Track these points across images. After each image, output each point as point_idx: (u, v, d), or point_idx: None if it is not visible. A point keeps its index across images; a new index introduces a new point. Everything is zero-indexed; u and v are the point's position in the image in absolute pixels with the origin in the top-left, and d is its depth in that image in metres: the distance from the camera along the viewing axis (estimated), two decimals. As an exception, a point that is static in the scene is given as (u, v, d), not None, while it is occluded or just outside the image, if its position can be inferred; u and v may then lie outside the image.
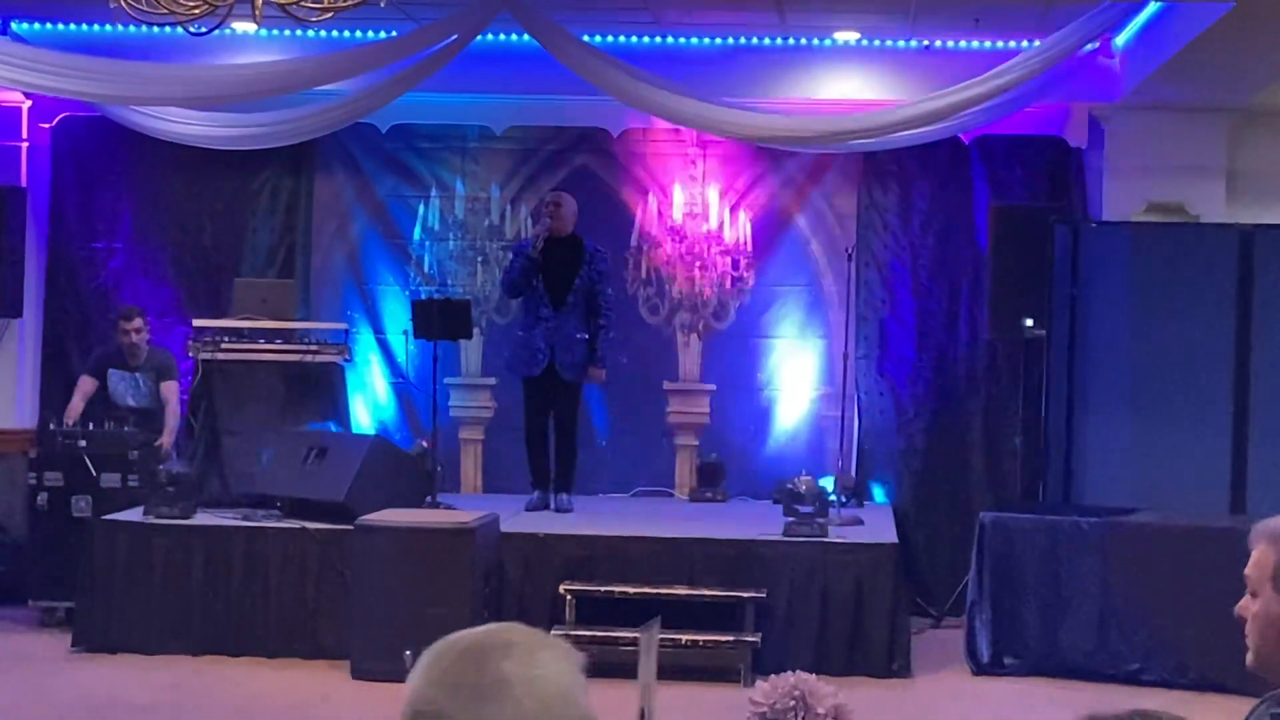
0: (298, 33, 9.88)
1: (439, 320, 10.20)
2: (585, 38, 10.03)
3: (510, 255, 10.40)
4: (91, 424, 10.14)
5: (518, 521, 9.64)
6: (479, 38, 9.77)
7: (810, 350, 11.26)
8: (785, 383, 11.27)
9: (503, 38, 10.49)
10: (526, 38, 9.93)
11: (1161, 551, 8.99)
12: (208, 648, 9.21)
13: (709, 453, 11.14)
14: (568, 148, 11.31)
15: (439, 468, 10.26)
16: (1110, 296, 9.92)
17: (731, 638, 8.88)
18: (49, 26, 10.66)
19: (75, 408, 10.35)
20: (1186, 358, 9.73)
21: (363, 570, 8.85)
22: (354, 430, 10.79)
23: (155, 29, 8.08)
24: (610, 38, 10.55)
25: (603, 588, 9.08)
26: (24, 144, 11.21)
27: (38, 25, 10.65)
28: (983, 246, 10.81)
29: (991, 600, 9.18)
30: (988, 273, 10.59)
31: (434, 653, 2.01)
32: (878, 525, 9.77)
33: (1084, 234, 10.05)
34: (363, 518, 8.97)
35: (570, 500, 10.09)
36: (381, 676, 8.46)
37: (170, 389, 10.53)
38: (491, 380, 11.31)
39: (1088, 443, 9.95)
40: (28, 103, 11.06)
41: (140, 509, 9.59)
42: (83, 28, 10.64)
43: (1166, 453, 9.75)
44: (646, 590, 8.98)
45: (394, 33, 9.91)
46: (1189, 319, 9.75)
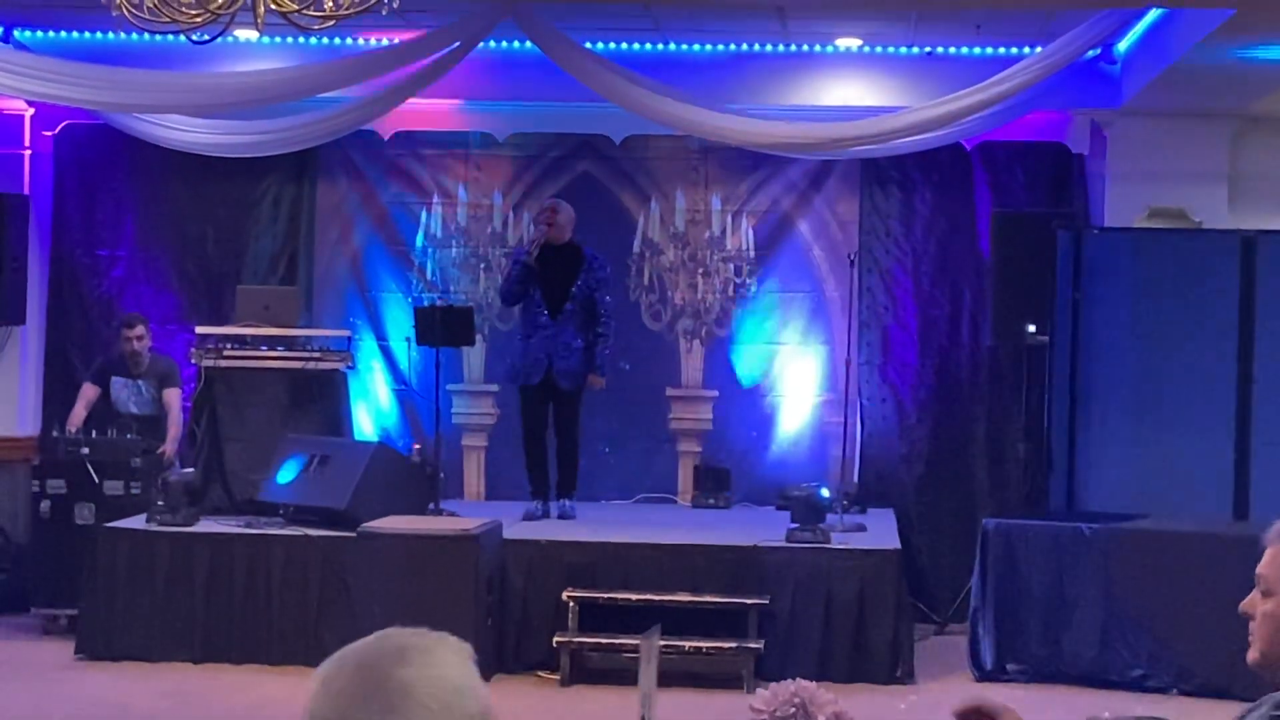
0: (300, 40, 9.90)
1: (441, 327, 10.20)
2: (588, 45, 10.04)
3: (509, 262, 10.41)
4: (94, 431, 10.15)
5: (520, 528, 9.63)
6: (481, 45, 9.76)
7: (813, 356, 11.26)
8: (788, 389, 11.26)
9: (505, 45, 10.49)
10: (529, 45, 9.93)
11: (1165, 557, 8.99)
12: (210, 655, 9.21)
13: (711, 459, 11.14)
14: (570, 154, 11.31)
15: (441, 475, 10.25)
16: (1112, 302, 9.91)
17: (734, 644, 8.88)
18: (52, 34, 10.66)
19: (78, 415, 10.36)
20: (1189, 364, 9.73)
21: (365, 577, 8.84)
22: (357, 437, 10.79)
23: (158, 37, 8.11)
24: (613, 45, 10.56)
25: (605, 594, 9.08)
26: (27, 152, 11.22)
27: (40, 33, 10.66)
28: (985, 252, 10.81)
29: (995, 607, 9.17)
30: (990, 278, 10.58)
31: (326, 673, 2.00)
32: (881, 531, 9.76)
33: (1086, 240, 10.05)
34: (365, 525, 8.97)
35: (573, 506, 10.09)
36: (384, 684, 8.46)
37: (173, 396, 10.53)
38: (494, 387, 11.31)
39: (1090, 449, 9.94)
40: (30, 111, 11.07)
41: (143, 516, 9.59)
42: (85, 35, 10.65)
43: (1169, 459, 9.74)
44: (649, 597, 8.98)
45: (396, 40, 9.92)
46: (1191, 325, 9.75)
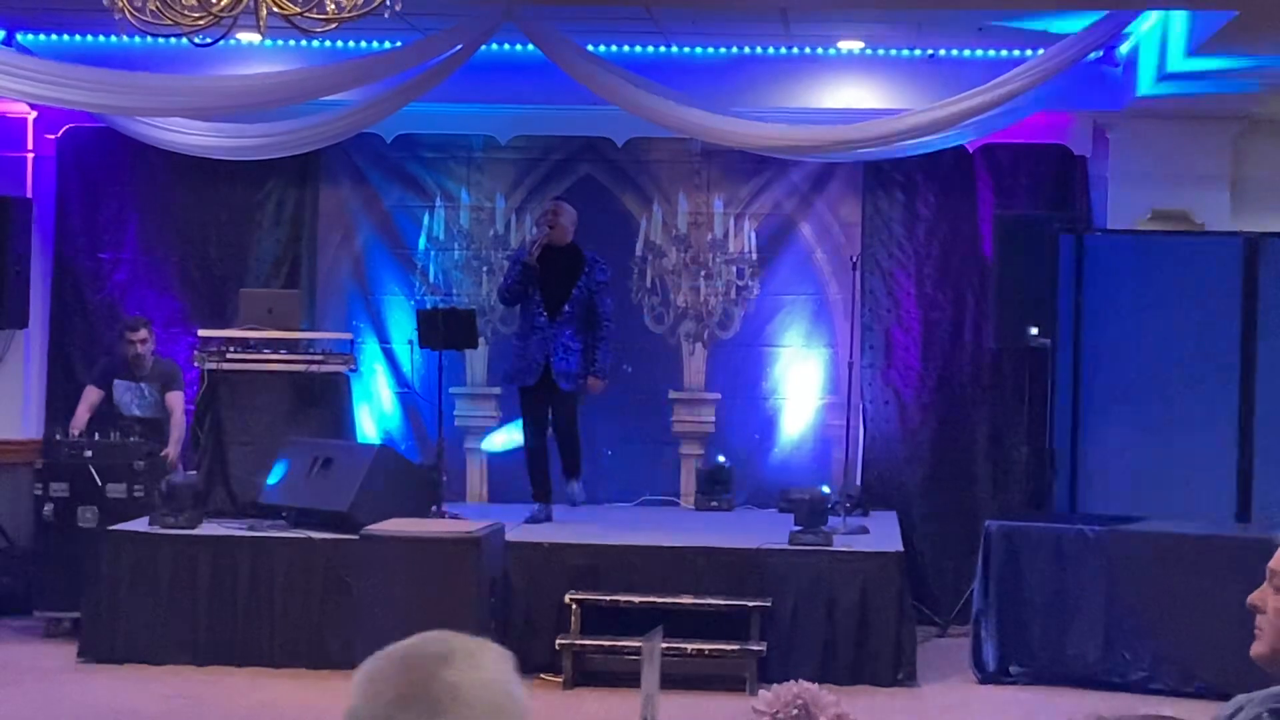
0: (302, 43, 9.89)
1: (444, 330, 10.21)
2: (590, 47, 10.04)
3: (509, 263, 10.42)
4: (97, 434, 10.16)
5: (523, 531, 9.64)
6: (483, 48, 9.76)
7: (815, 359, 11.26)
8: (790, 391, 11.26)
9: (507, 48, 10.48)
10: (531, 48, 9.93)
11: (1167, 560, 8.99)
12: (214, 658, 9.21)
13: (714, 462, 11.14)
14: (572, 157, 11.32)
15: (444, 477, 10.25)
16: (1115, 305, 9.91)
17: (737, 647, 8.88)
18: (54, 37, 10.67)
19: (81, 418, 10.36)
20: (1192, 366, 9.73)
21: (368, 580, 8.84)
22: (359, 440, 10.79)
23: (160, 40, 8.10)
24: (614, 47, 10.56)
25: (608, 597, 9.08)
26: (29, 155, 11.23)
27: (43, 36, 10.66)
28: (987, 255, 10.82)
29: (997, 609, 9.17)
30: (992, 281, 10.59)
31: (370, 672, 2.00)
32: (883, 534, 9.76)
33: (1089, 242, 10.05)
34: (368, 528, 8.97)
35: (581, 489, 10.09)
36: (387, 686, 8.46)
37: (175, 399, 10.54)
38: (497, 390, 11.31)
39: (1093, 451, 9.94)
40: (33, 114, 11.08)
41: (146, 519, 9.59)
42: (87, 39, 10.65)
43: (1172, 461, 9.74)
44: (652, 599, 8.99)
45: (398, 43, 9.93)
46: (1194, 327, 9.75)
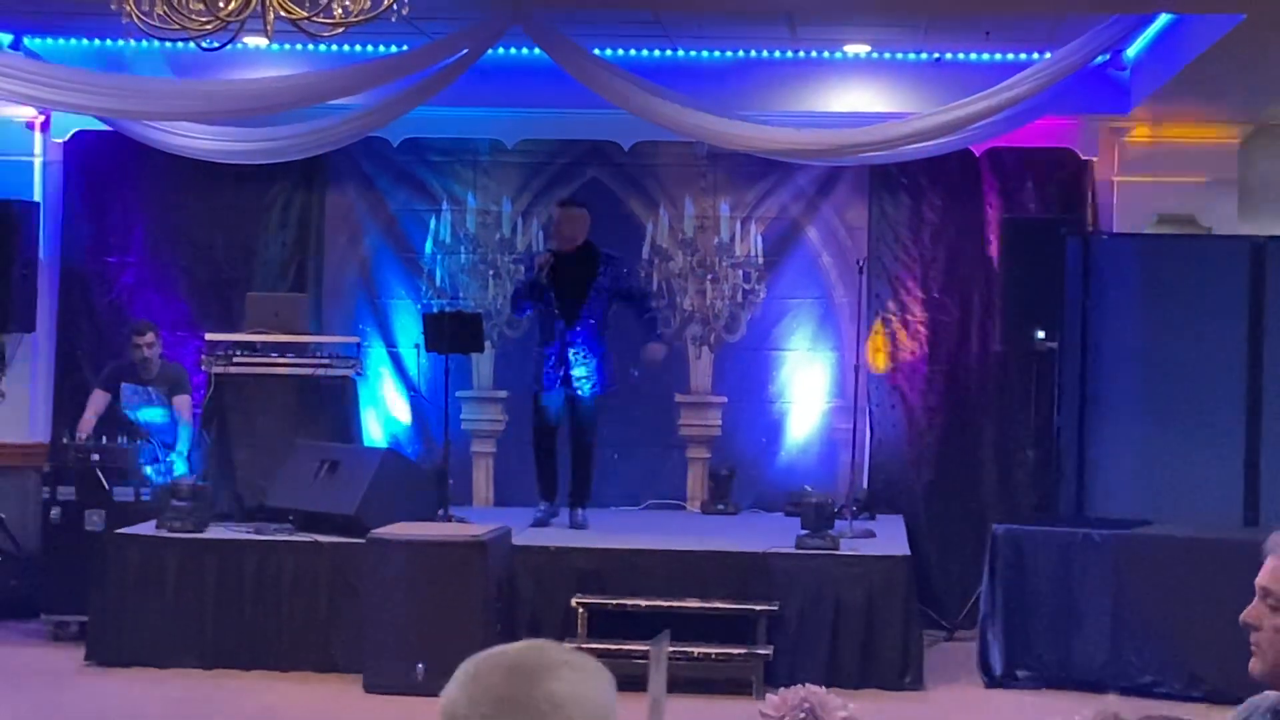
0: (309, 47, 9.89)
1: (450, 333, 10.21)
2: (596, 51, 10.04)
3: (523, 270, 10.41)
4: (104, 438, 10.17)
5: (530, 534, 9.64)
6: (490, 52, 9.77)
7: (821, 362, 11.25)
8: (797, 395, 11.26)
9: (514, 52, 10.50)
10: (538, 52, 9.94)
11: (1175, 563, 8.98)
12: (220, 661, 9.22)
13: (720, 465, 11.14)
14: (579, 161, 11.32)
15: (450, 481, 10.26)
16: (1122, 308, 9.91)
17: (743, 650, 8.88)
18: (61, 42, 10.68)
19: (88, 422, 10.38)
20: (1199, 369, 9.73)
21: (375, 584, 8.85)
22: (366, 444, 10.80)
23: (167, 44, 8.11)
24: (621, 51, 10.56)
25: (614, 601, 9.08)
26: (37, 159, 11.25)
27: (50, 40, 10.68)
28: (994, 259, 10.82)
29: (1004, 613, 9.16)
30: (999, 285, 10.59)
31: (474, 671, 2.00)
32: (890, 537, 9.76)
33: (1095, 246, 10.05)
34: (375, 531, 8.98)
35: (585, 516, 10.08)
36: (394, 690, 8.49)
37: (183, 403, 10.55)
38: (503, 393, 11.32)
39: (1100, 454, 9.94)
40: (41, 118, 11.10)
41: (153, 523, 9.60)
42: (95, 43, 10.67)
43: (1179, 464, 9.73)
44: (658, 603, 8.99)
45: (405, 47, 9.93)
46: (1201, 331, 9.74)
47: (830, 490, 10.39)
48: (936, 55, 10.56)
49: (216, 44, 6.98)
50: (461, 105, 10.63)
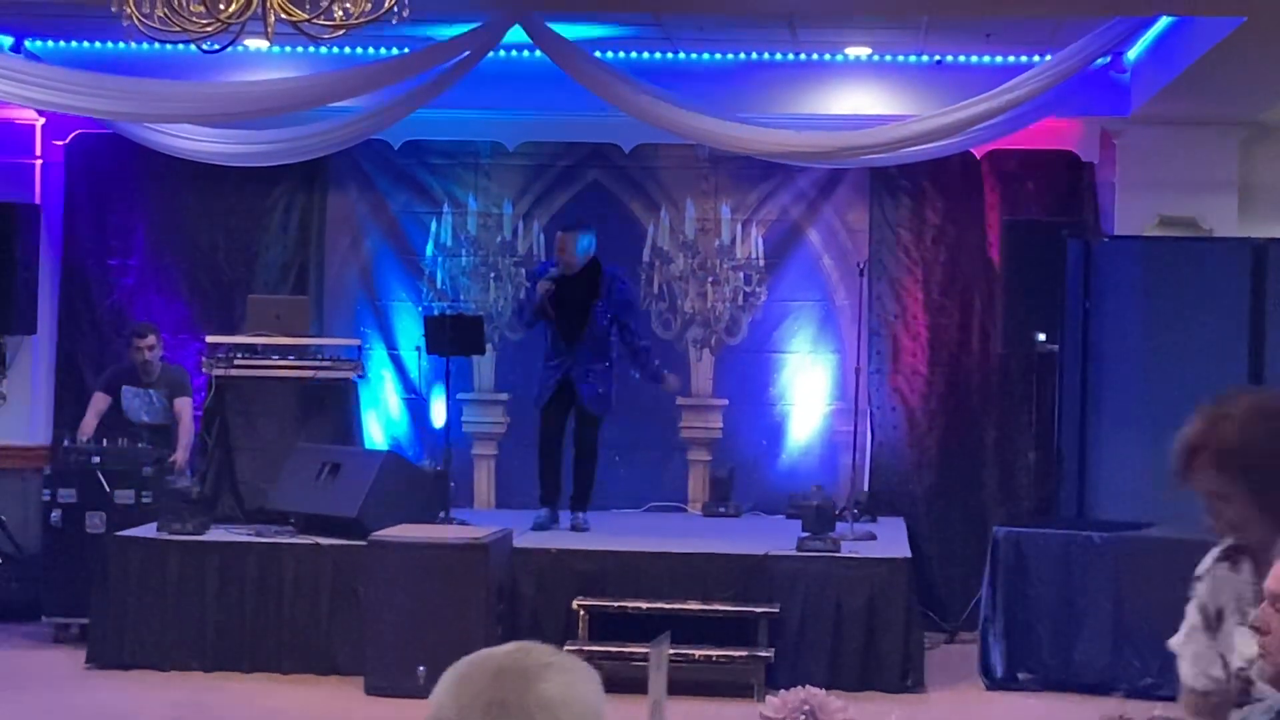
0: (310, 50, 9.90)
1: (452, 336, 10.21)
2: (597, 54, 10.05)
3: (526, 286, 10.37)
4: (105, 440, 10.16)
5: (531, 537, 9.64)
6: (491, 54, 9.78)
7: (822, 365, 11.25)
8: (798, 397, 11.26)
9: (515, 54, 10.50)
10: (539, 54, 9.94)
11: (1175, 566, 8.83)
12: (221, 664, 9.22)
13: (721, 467, 11.14)
14: (580, 163, 11.33)
15: (451, 483, 10.26)
16: (1123, 310, 9.91)
17: (744, 653, 8.88)
18: (62, 44, 10.69)
19: (89, 424, 10.37)
20: (1199, 371, 9.70)
21: (376, 586, 8.85)
22: (367, 446, 10.80)
23: (168, 46, 8.11)
24: (622, 54, 10.56)
25: (616, 603, 9.08)
26: (38, 161, 11.26)
27: (51, 43, 10.68)
28: (995, 261, 10.82)
29: (1005, 615, 9.16)
30: (1000, 287, 10.59)
31: (462, 674, 1.99)
32: (891, 540, 9.76)
33: (1096, 248, 10.04)
34: (376, 534, 8.98)
35: (586, 519, 10.07)
36: (395, 692, 8.49)
37: (183, 405, 10.55)
38: (504, 395, 11.32)
39: (1101, 457, 9.93)
40: (41, 120, 11.11)
41: (154, 525, 9.60)
42: (95, 45, 10.67)
43: (1180, 466, 9.71)
44: (659, 605, 8.98)
45: (406, 50, 9.94)
46: (1202, 333, 9.74)
47: (831, 492, 10.41)
48: (937, 57, 10.56)
49: (217, 46, 6.99)
50: (463, 108, 10.63)
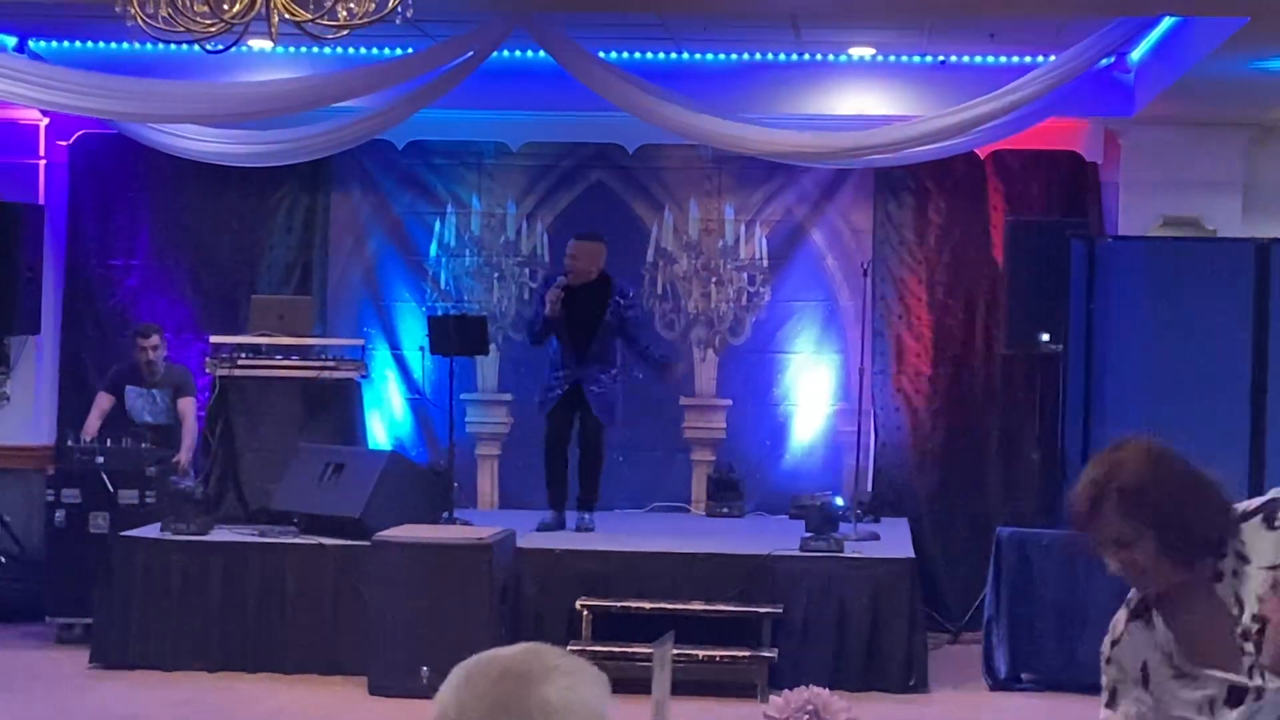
0: (314, 50, 9.90)
1: (455, 336, 10.22)
2: (601, 54, 10.04)
3: (535, 300, 10.37)
4: (109, 441, 10.18)
5: (534, 537, 9.64)
6: (494, 54, 9.78)
7: (826, 365, 11.25)
8: (801, 398, 11.26)
9: (518, 54, 10.50)
10: (542, 54, 9.94)
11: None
12: (225, 664, 9.22)
13: (725, 468, 11.14)
14: (583, 164, 11.33)
15: (455, 483, 10.26)
16: (1127, 311, 9.89)
17: (748, 653, 8.88)
18: (66, 44, 10.69)
19: (92, 424, 10.39)
20: (1203, 372, 9.71)
21: (380, 586, 8.86)
22: (371, 446, 10.80)
23: (172, 46, 8.12)
24: (625, 54, 10.56)
25: (619, 603, 9.08)
26: (42, 161, 11.26)
27: (55, 43, 10.68)
28: (998, 261, 10.81)
29: (1009, 616, 9.16)
30: (1004, 287, 10.57)
31: (468, 673, 1.99)
32: (894, 540, 9.76)
33: (1100, 248, 10.03)
34: (379, 534, 8.99)
35: (592, 519, 10.07)
36: (399, 693, 8.49)
37: (187, 405, 10.56)
38: (508, 396, 11.33)
39: (1104, 457, 9.90)
40: (45, 120, 11.11)
41: (158, 525, 9.61)
42: (99, 45, 10.67)
43: (1184, 467, 9.70)
44: (663, 606, 8.98)
45: (410, 50, 9.94)
46: (1205, 333, 9.72)
47: (836, 492, 10.40)
48: (941, 58, 10.56)
49: (221, 46, 6.99)
50: (466, 108, 10.63)
